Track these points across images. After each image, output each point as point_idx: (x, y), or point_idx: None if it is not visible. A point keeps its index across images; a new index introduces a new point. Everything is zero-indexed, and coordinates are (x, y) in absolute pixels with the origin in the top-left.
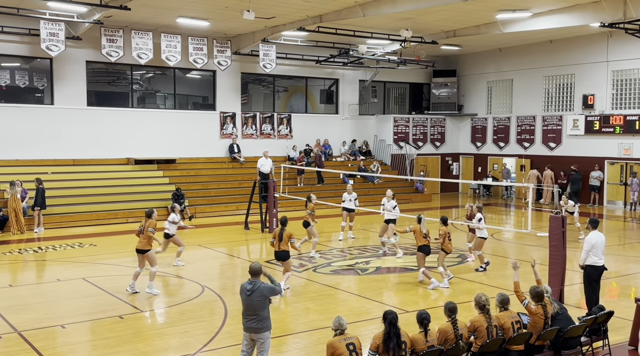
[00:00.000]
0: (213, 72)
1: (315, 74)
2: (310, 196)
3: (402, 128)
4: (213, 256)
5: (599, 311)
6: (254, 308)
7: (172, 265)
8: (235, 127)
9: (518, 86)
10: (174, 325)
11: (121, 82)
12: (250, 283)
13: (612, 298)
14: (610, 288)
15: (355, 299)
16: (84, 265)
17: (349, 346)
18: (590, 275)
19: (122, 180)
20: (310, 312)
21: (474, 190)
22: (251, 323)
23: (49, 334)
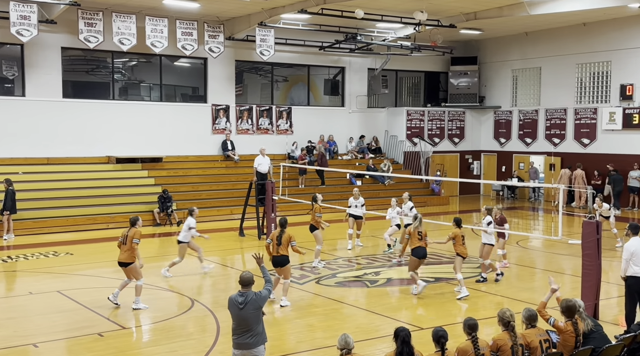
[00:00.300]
0: (204, 59)
1: (318, 61)
2: (315, 196)
3: (417, 122)
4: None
5: (638, 328)
6: (247, 323)
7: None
8: (229, 122)
9: (547, 75)
10: (160, 343)
11: (101, 71)
12: (242, 295)
13: None
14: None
15: (364, 314)
16: (59, 277)
17: None
18: (631, 287)
19: (102, 181)
20: (313, 329)
21: (497, 192)
22: (245, 339)
23: (19, 354)
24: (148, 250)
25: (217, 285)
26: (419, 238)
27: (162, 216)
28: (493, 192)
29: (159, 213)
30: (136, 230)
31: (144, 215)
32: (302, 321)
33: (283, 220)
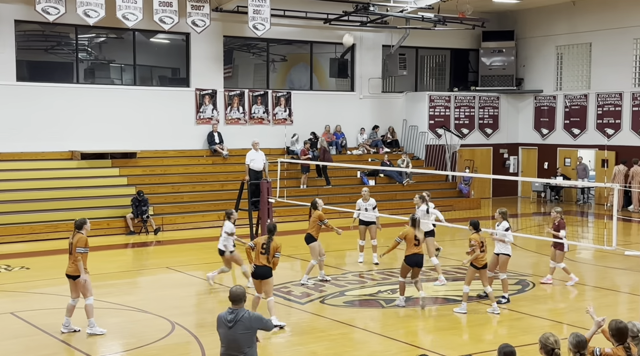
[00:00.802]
0: (186, 35)
1: (323, 37)
2: (315, 201)
3: (441, 110)
4: (186, 282)
5: None
6: (237, 345)
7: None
8: (216, 110)
9: (599, 53)
10: None
11: (62, 50)
12: (232, 312)
13: None
14: None
15: (378, 340)
16: (12, 295)
17: None
18: None
19: (63, 180)
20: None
21: (538, 193)
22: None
23: None
24: (120, 263)
25: (202, 305)
26: (415, 243)
27: (136, 223)
28: (533, 194)
29: (133, 219)
30: (81, 236)
31: (115, 221)
32: (304, 348)
33: (272, 225)
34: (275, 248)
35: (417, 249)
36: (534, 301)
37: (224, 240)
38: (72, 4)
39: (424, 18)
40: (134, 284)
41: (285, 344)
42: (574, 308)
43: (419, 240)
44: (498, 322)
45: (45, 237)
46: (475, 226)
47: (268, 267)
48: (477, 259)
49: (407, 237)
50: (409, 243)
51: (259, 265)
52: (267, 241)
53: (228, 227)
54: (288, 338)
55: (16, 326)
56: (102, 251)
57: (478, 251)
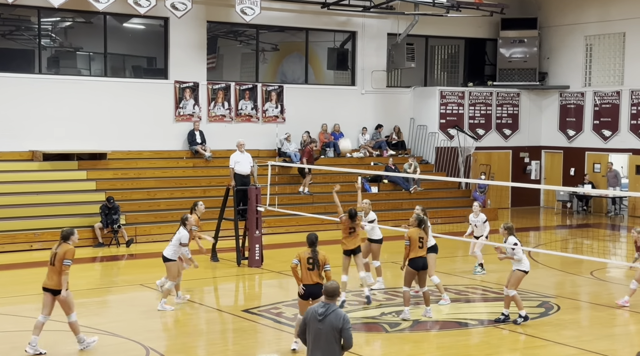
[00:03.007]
0: (164, 20)
1: (320, 24)
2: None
3: (454, 107)
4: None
5: None
6: (320, 341)
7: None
8: (198, 105)
9: (634, 44)
10: None
11: (22, 35)
12: (324, 306)
13: None
14: None
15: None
16: None
17: None
18: None
19: (23, 184)
20: None
21: (563, 203)
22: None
23: None
24: (88, 280)
25: (180, 328)
26: (419, 245)
27: (105, 233)
28: (558, 203)
29: (102, 229)
30: (69, 247)
31: (82, 231)
32: None
33: (314, 236)
34: (324, 262)
35: (422, 252)
36: (559, 326)
37: (174, 249)
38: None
39: (435, 3)
40: (103, 303)
41: None
42: (605, 335)
43: (423, 242)
44: (517, 350)
45: (1, 249)
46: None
47: (321, 284)
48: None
49: (412, 238)
50: (413, 245)
51: (310, 284)
52: (312, 254)
53: (184, 236)
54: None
55: None
56: None
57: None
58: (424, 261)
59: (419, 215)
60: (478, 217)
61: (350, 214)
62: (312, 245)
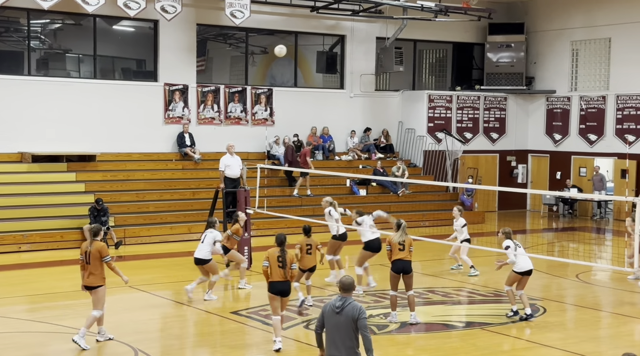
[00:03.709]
0: (154, 22)
1: (309, 27)
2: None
3: (442, 111)
4: (152, 303)
5: None
6: (339, 333)
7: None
8: (188, 108)
9: (619, 49)
10: None
11: (11, 37)
12: (340, 299)
13: None
14: None
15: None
16: None
17: None
18: None
19: (11, 186)
20: None
21: (549, 206)
22: (337, 350)
23: None
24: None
25: (168, 330)
26: (400, 248)
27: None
28: (544, 207)
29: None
30: (100, 244)
31: (70, 233)
32: None
33: (283, 236)
34: (291, 260)
35: (402, 254)
36: (545, 328)
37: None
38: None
39: (423, 7)
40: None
41: None
42: (591, 337)
43: (403, 245)
44: (504, 352)
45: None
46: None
47: (288, 281)
48: (302, 262)
49: (392, 243)
50: (394, 249)
51: (280, 281)
52: (281, 253)
53: (218, 235)
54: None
55: None
56: (55, 267)
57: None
58: (404, 263)
59: (398, 220)
60: (458, 221)
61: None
62: (281, 244)
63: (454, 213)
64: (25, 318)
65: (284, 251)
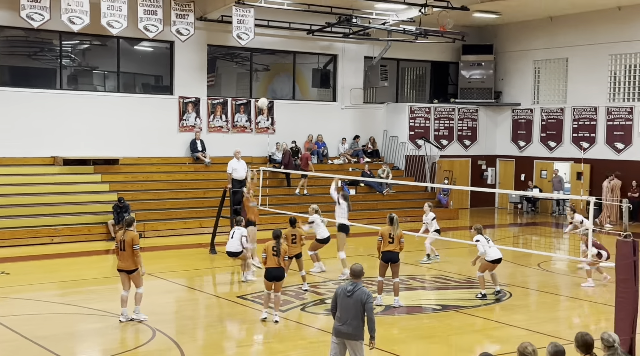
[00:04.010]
0: (170, 43)
1: (306, 48)
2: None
3: (421, 121)
4: (168, 289)
5: None
6: (349, 313)
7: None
8: (199, 118)
9: (575, 68)
10: None
11: (46, 56)
12: (352, 284)
13: None
14: None
15: None
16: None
17: None
18: None
19: (45, 186)
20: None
21: (514, 204)
22: (346, 328)
23: None
24: (101, 270)
25: (182, 312)
26: (389, 241)
27: (117, 229)
28: (510, 205)
29: (114, 225)
30: (134, 234)
31: (96, 227)
32: (284, 355)
33: (278, 231)
34: (285, 251)
35: (391, 246)
36: (511, 310)
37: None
38: (56, 11)
39: (405, 31)
40: (115, 290)
41: (268, 350)
42: (551, 318)
43: (393, 238)
44: (476, 331)
45: (26, 242)
46: (291, 222)
47: (281, 267)
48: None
49: (383, 235)
50: (385, 241)
51: (274, 267)
52: (276, 244)
53: (245, 231)
54: (269, 345)
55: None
56: (83, 257)
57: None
58: (392, 254)
59: (390, 214)
60: (428, 216)
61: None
62: (276, 238)
63: (425, 209)
64: (56, 301)
65: (278, 243)
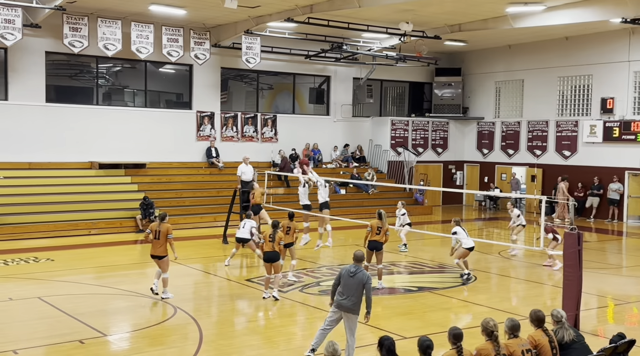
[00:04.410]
0: (189, 66)
1: (304, 70)
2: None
3: (401, 132)
4: (187, 273)
5: (619, 339)
6: (350, 290)
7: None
8: (214, 129)
9: (529, 87)
10: (141, 351)
11: (85, 76)
12: (354, 267)
13: (633, 325)
14: (631, 314)
15: None
16: (39, 283)
17: None
18: None
19: (84, 186)
20: (297, 338)
21: (479, 202)
22: (345, 302)
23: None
24: (130, 257)
25: (199, 293)
26: (376, 232)
27: (144, 223)
28: (475, 202)
29: (142, 219)
30: (167, 225)
31: (127, 221)
32: (285, 329)
33: (276, 222)
34: (279, 238)
35: (377, 237)
36: (476, 291)
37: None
38: (94, 39)
39: (387, 56)
40: (142, 274)
41: (269, 325)
42: (509, 297)
43: (380, 230)
44: (447, 309)
45: (67, 234)
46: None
47: (276, 251)
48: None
49: (372, 226)
50: (372, 231)
51: (268, 251)
52: (272, 232)
53: (254, 223)
54: (272, 321)
55: (42, 309)
56: (115, 246)
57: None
58: (377, 243)
59: (379, 210)
60: (400, 211)
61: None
62: (274, 227)
63: (398, 205)
64: (93, 284)
65: (275, 232)
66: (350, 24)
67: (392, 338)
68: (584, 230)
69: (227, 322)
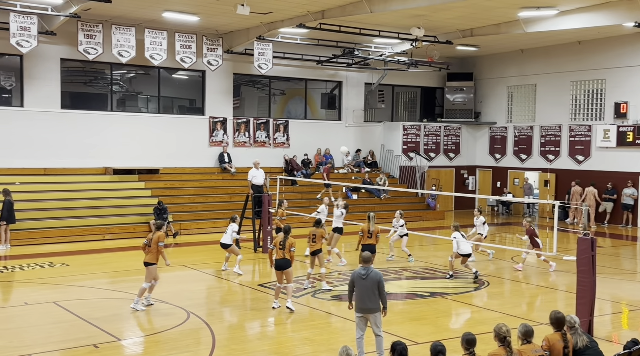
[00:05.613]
0: (202, 72)
1: (315, 75)
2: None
3: (412, 137)
4: (199, 278)
5: (633, 345)
6: (367, 292)
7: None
8: (226, 134)
9: (542, 92)
10: (154, 355)
11: (99, 83)
12: (364, 269)
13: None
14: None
15: None
16: (54, 287)
17: None
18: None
19: (98, 192)
20: (309, 343)
21: (492, 207)
22: (366, 304)
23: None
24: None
25: (212, 297)
26: (368, 236)
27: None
28: (488, 207)
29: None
30: (160, 233)
31: (140, 226)
32: (297, 334)
33: (287, 227)
34: (290, 245)
35: (370, 240)
36: (488, 297)
37: (230, 237)
38: (108, 46)
39: (399, 61)
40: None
41: (282, 331)
42: (522, 303)
43: (371, 233)
44: (459, 314)
45: (82, 239)
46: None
47: (286, 259)
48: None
49: (363, 230)
50: (364, 235)
51: (279, 258)
52: (283, 239)
53: (235, 227)
54: (285, 326)
55: (58, 313)
56: (129, 251)
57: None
58: (370, 247)
59: (369, 213)
60: (398, 222)
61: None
62: (285, 233)
63: (396, 215)
64: (107, 288)
65: (286, 238)
66: (362, 30)
67: (404, 343)
68: (597, 235)
69: (240, 327)
